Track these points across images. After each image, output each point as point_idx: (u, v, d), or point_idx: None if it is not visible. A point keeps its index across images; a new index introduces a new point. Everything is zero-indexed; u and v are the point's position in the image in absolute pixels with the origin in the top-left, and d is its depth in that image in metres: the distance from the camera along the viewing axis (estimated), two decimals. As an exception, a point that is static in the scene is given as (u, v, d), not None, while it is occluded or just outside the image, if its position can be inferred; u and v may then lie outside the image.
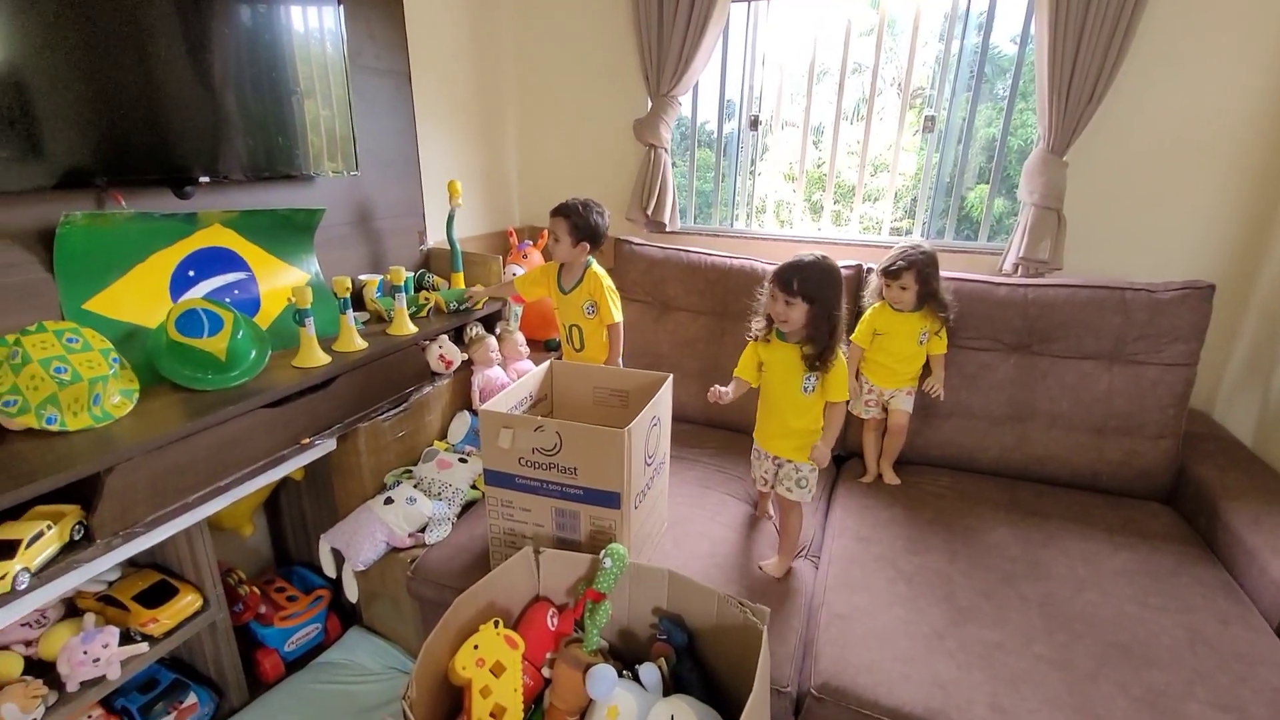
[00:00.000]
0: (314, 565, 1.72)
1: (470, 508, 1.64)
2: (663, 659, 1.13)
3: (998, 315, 1.76)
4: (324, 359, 1.43)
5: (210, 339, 1.25)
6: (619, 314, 1.76)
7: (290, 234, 1.62)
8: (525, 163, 2.65)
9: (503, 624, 1.07)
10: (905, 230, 2.39)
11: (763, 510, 1.58)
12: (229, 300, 1.44)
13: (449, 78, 2.20)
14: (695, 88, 2.38)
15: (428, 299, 1.84)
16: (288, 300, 1.39)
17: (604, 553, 1.15)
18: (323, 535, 1.50)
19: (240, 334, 1.30)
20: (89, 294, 1.24)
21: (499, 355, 1.92)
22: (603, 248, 1.77)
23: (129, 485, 1.07)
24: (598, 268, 1.76)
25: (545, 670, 1.13)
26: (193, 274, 1.41)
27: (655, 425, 1.33)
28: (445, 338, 1.79)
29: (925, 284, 1.64)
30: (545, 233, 2.23)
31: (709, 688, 1.12)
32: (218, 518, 1.45)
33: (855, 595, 1.32)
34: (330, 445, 1.46)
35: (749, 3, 2.26)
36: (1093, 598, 1.31)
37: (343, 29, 1.62)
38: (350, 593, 1.50)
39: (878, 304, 1.72)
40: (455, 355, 1.79)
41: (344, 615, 1.69)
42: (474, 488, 1.67)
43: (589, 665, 1.06)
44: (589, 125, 2.50)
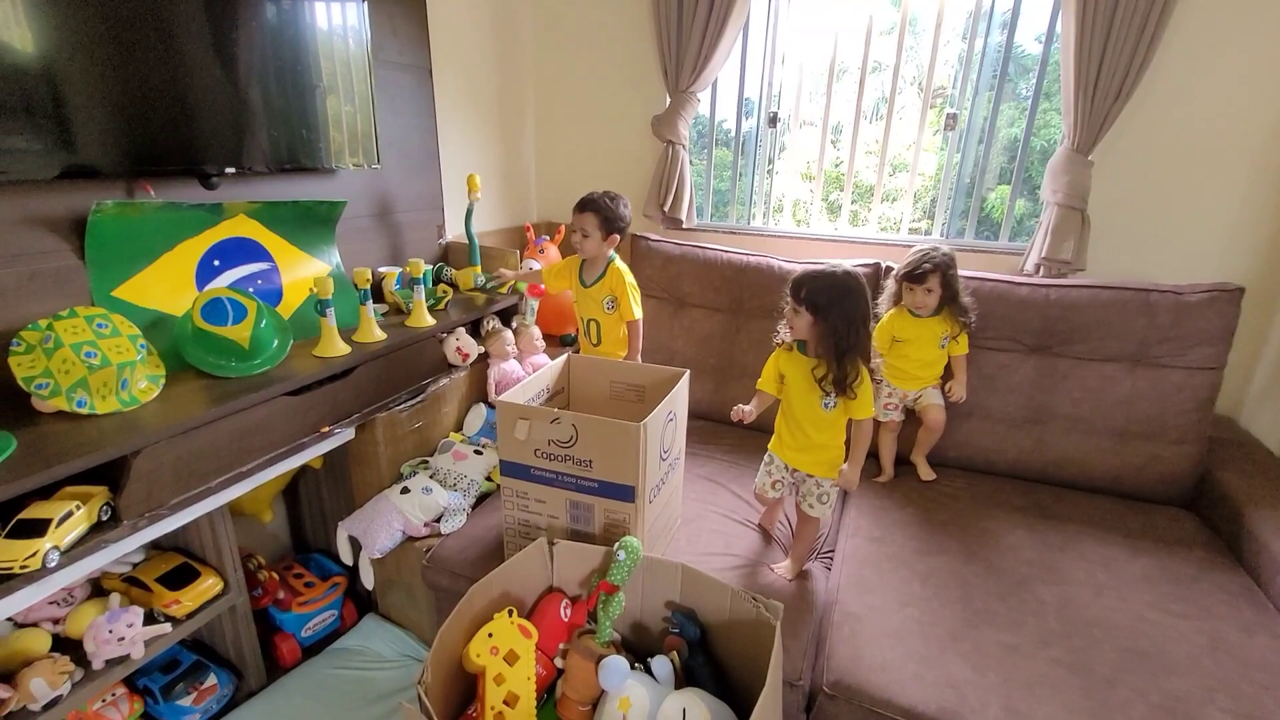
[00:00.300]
0: (331, 552, 1.74)
1: (484, 499, 1.65)
2: (675, 652, 1.14)
3: (1018, 316, 1.74)
4: (344, 349, 1.45)
5: (234, 327, 1.28)
6: (639, 310, 1.75)
7: (312, 226, 1.64)
8: (543, 158, 2.66)
9: (516, 613, 1.08)
10: (925, 230, 2.37)
11: (767, 523, 1.50)
12: (252, 290, 1.46)
13: (469, 73, 2.21)
14: (714, 85, 2.38)
15: (446, 291, 1.85)
16: (310, 291, 1.41)
17: (618, 545, 1.16)
18: (340, 523, 1.52)
19: (263, 323, 1.32)
20: (118, 281, 1.27)
21: (515, 349, 1.93)
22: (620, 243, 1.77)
23: (155, 468, 1.09)
24: (620, 263, 1.75)
25: (557, 660, 1.14)
26: (218, 263, 1.43)
27: (671, 420, 1.33)
28: (463, 330, 1.81)
29: (948, 286, 1.62)
30: (563, 228, 2.24)
31: (720, 682, 1.12)
32: (238, 503, 1.47)
33: (868, 595, 1.31)
34: (349, 434, 1.48)
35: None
36: (1111, 602, 1.29)
37: (367, 25, 1.64)
38: (366, 580, 1.52)
39: (894, 310, 1.69)
40: (472, 348, 1.80)
41: (360, 602, 1.71)
42: (489, 479, 1.68)
43: (601, 656, 1.07)
44: (607, 121, 2.51)
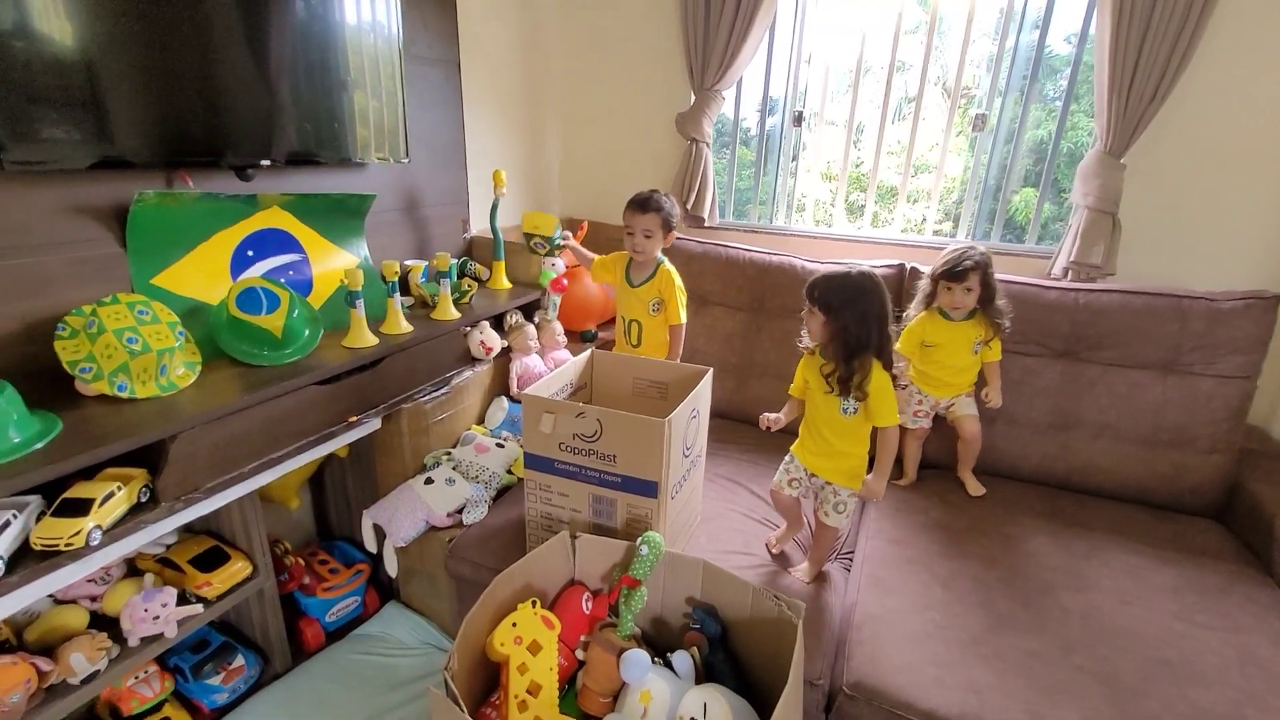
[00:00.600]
0: (354, 540, 1.78)
1: (504, 492, 1.67)
2: (695, 648, 1.14)
3: (1045, 320, 1.72)
4: (372, 340, 1.47)
5: (268, 316, 1.30)
6: (685, 314, 1.72)
7: (342, 218, 1.66)
8: (567, 154, 2.67)
9: (540, 604, 1.10)
10: (949, 232, 2.34)
11: (780, 540, 1.44)
12: (284, 280, 1.49)
13: (495, 67, 2.22)
14: (738, 83, 2.37)
15: (471, 286, 1.87)
16: (340, 282, 1.43)
17: (641, 540, 1.17)
18: (365, 511, 1.55)
19: (296, 313, 1.35)
20: (157, 269, 1.30)
21: (537, 344, 1.94)
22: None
23: (191, 453, 1.12)
24: (669, 265, 1.71)
25: (578, 652, 1.15)
26: (251, 254, 1.46)
27: (694, 418, 1.34)
28: (486, 324, 1.83)
29: (987, 286, 1.57)
30: (585, 224, 2.25)
31: (740, 679, 1.12)
32: (266, 490, 1.50)
33: (889, 597, 1.31)
34: (375, 424, 1.50)
35: (797, -2, 2.24)
36: (1137, 612, 1.27)
37: (399, 19, 1.65)
38: (390, 567, 1.54)
39: (924, 313, 1.65)
40: (495, 342, 1.82)
41: (381, 590, 1.74)
42: (509, 472, 1.70)
43: (623, 649, 1.08)
44: (631, 117, 2.51)
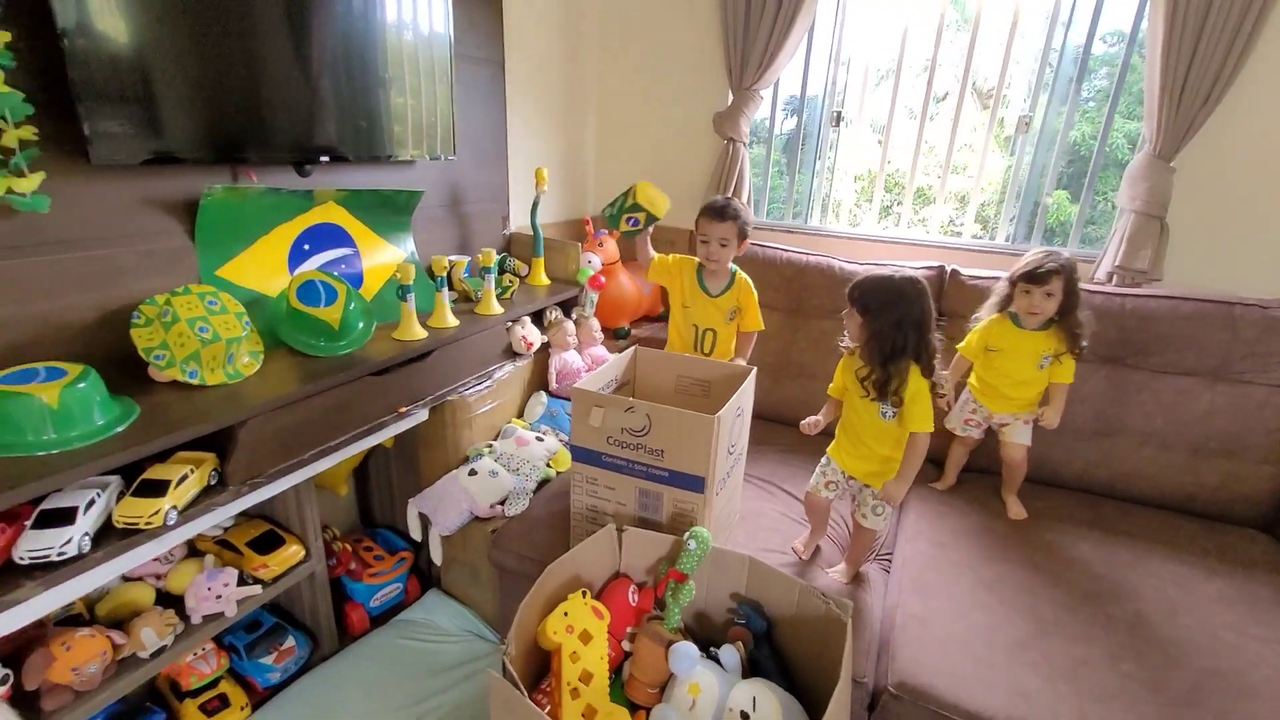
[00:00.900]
0: (396, 528, 1.82)
1: (542, 485, 1.69)
2: (740, 642, 1.16)
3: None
4: (422, 333, 1.51)
5: (326, 308, 1.34)
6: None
7: (391, 214, 1.70)
8: (602, 152, 2.69)
9: (589, 595, 1.12)
10: (987, 235, 2.32)
11: (807, 546, 1.43)
12: (337, 274, 1.53)
13: (535, 65, 2.25)
14: (775, 84, 2.37)
15: (512, 281, 1.90)
16: (393, 276, 1.47)
17: (688, 535, 1.18)
18: (411, 500, 1.59)
19: (352, 305, 1.38)
20: (221, 261, 1.35)
21: (575, 339, 1.97)
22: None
23: (258, 439, 1.16)
24: (743, 273, 1.69)
25: (624, 644, 1.17)
26: (308, 247, 1.50)
27: (739, 416, 1.35)
28: (528, 320, 1.86)
29: (1070, 295, 1.46)
30: (636, 232, 2.26)
31: (784, 675, 1.14)
32: (318, 476, 1.54)
33: (932, 599, 1.31)
34: (423, 415, 1.54)
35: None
36: (1186, 622, 1.26)
37: (451, 20, 1.69)
38: (436, 555, 1.58)
39: (995, 316, 1.56)
40: (536, 337, 1.85)
41: (421, 577, 1.78)
42: (548, 466, 1.73)
43: (671, 641, 1.10)
44: (667, 116, 2.53)
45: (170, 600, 1.27)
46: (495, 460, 1.66)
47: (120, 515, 0.99)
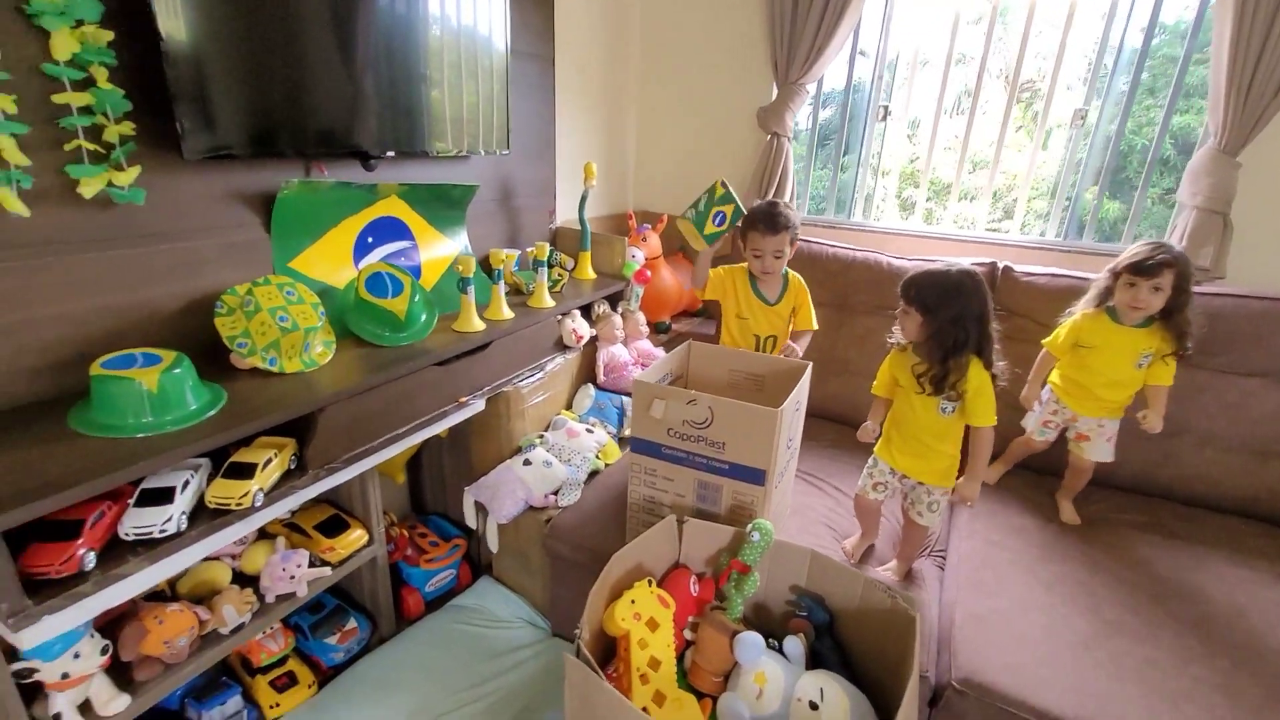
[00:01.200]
0: (449, 516, 1.86)
1: (593, 477, 1.72)
2: (801, 634, 1.17)
3: (1152, 324, 1.67)
4: (480, 325, 1.54)
5: (393, 300, 1.38)
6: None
7: (447, 208, 1.73)
8: (644, 146, 2.70)
9: (654, 583, 1.14)
10: (1040, 231, 2.29)
11: (856, 548, 1.43)
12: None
13: (580, 60, 2.26)
14: (820, 79, 2.36)
15: (561, 275, 1.93)
16: (454, 268, 1.50)
17: (751, 526, 1.20)
18: (466, 488, 1.62)
19: (417, 297, 1.42)
20: (293, 254, 1.39)
21: (622, 333, 1.99)
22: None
23: (334, 425, 1.20)
24: (795, 273, 1.68)
25: (686, 633, 1.19)
26: (371, 240, 1.54)
27: (798, 410, 1.36)
28: (577, 313, 1.88)
29: (1181, 292, 1.38)
30: (662, 222, 2.27)
31: (846, 668, 1.14)
32: (379, 464, 1.59)
33: (990, 598, 1.30)
34: (480, 406, 1.57)
35: (889, -9, 2.22)
36: (1255, 625, 1.24)
37: (508, 18, 1.71)
38: (492, 543, 1.61)
39: (1091, 310, 1.49)
40: (585, 330, 1.87)
41: (473, 565, 1.82)
42: (597, 458, 1.75)
43: (735, 631, 1.11)
44: (710, 110, 2.52)
45: (243, 580, 1.32)
46: (547, 451, 1.68)
47: (213, 496, 1.03)
